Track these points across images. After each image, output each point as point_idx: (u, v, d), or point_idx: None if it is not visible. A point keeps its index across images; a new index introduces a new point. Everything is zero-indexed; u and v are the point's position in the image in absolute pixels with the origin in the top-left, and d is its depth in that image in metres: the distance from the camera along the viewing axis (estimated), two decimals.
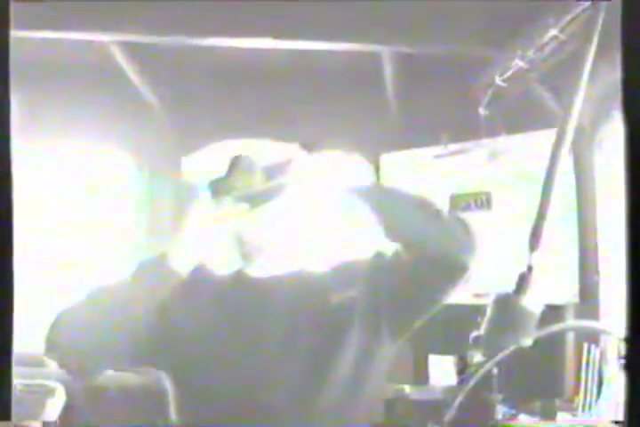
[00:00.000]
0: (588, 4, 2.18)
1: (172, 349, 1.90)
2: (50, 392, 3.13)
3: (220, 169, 1.85)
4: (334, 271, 2.00)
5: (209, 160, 1.92)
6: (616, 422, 1.93)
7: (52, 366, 3.47)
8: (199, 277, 1.91)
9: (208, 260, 1.94)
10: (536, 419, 2.59)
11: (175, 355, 1.91)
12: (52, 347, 1.81)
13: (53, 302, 3.76)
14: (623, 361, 1.45)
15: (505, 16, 2.77)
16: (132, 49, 3.31)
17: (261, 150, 1.91)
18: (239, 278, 1.97)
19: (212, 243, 1.83)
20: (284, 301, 1.94)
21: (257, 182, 1.84)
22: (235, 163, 1.85)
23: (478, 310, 1.75)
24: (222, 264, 1.97)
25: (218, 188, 1.85)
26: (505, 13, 2.76)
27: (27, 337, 3.60)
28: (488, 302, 1.73)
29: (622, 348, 1.53)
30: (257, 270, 1.96)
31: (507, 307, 1.67)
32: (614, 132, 2.86)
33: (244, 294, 1.95)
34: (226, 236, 1.88)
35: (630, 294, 1.08)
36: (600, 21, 1.77)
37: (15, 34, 2.88)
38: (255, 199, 1.85)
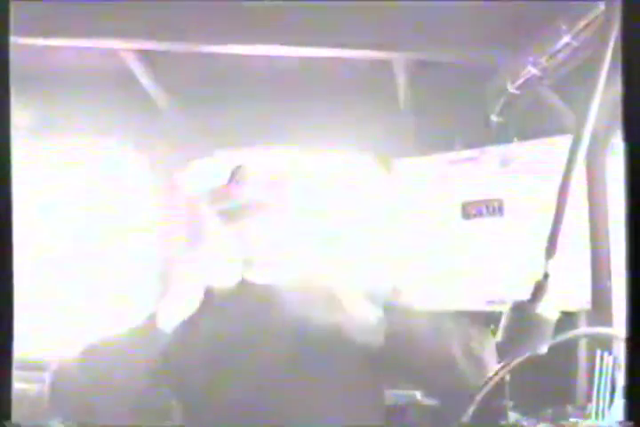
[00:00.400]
0: (602, 9, 2.17)
1: (179, 374, 1.91)
2: None
3: (221, 178, 1.86)
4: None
5: (212, 168, 1.93)
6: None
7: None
8: (205, 299, 1.90)
9: (210, 272, 1.92)
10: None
11: (182, 378, 1.92)
12: (54, 404, 1.85)
13: (62, 307, 3.77)
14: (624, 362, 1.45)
15: (517, 23, 2.77)
16: (143, 56, 3.32)
17: (264, 160, 1.92)
18: (242, 289, 1.96)
19: (213, 249, 1.84)
20: (288, 310, 1.93)
21: (257, 192, 1.85)
22: (235, 172, 1.86)
23: (491, 318, 1.75)
24: (224, 272, 1.96)
25: (217, 196, 1.86)
26: (517, 20, 2.76)
27: (32, 342, 3.61)
28: (501, 309, 1.73)
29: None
30: (258, 277, 1.96)
31: (523, 315, 1.66)
32: None
33: (246, 305, 1.95)
34: (226, 242, 1.88)
35: (630, 295, 1.08)
36: (617, 26, 1.76)
37: (29, 41, 2.91)
38: (253, 209, 1.86)
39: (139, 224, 3.87)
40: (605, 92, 1.79)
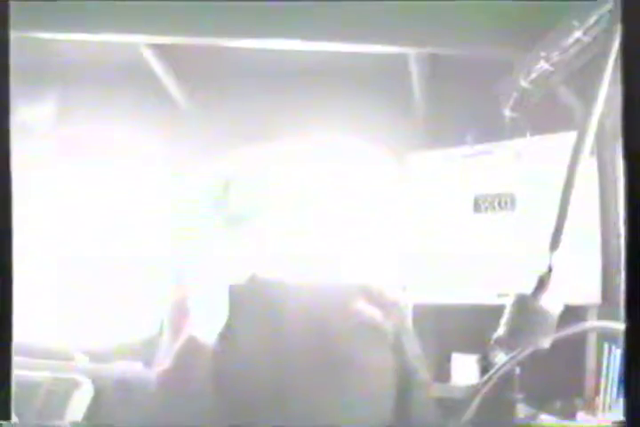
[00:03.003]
0: (611, 6, 2.18)
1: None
2: (77, 386, 3.18)
3: (222, 187, 1.89)
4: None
5: (214, 175, 1.95)
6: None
7: (81, 359, 3.54)
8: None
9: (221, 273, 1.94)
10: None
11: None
12: None
13: (84, 299, 3.82)
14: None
15: (530, 18, 2.78)
16: (161, 50, 3.36)
17: (270, 157, 1.94)
18: (254, 287, 1.97)
19: (221, 250, 1.87)
20: (301, 305, 1.95)
21: (255, 200, 1.88)
22: (229, 183, 1.89)
23: (501, 311, 1.76)
24: (234, 272, 1.98)
25: (218, 204, 1.88)
26: (530, 15, 2.77)
27: (57, 331, 3.67)
28: (508, 302, 1.74)
29: None
30: (269, 274, 1.97)
31: (525, 308, 1.68)
32: None
33: (261, 302, 1.96)
34: (233, 243, 1.91)
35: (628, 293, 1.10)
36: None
37: (49, 36, 2.95)
38: (255, 213, 1.88)
39: (152, 220, 3.90)
40: (614, 87, 1.81)
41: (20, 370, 3.06)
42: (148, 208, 3.93)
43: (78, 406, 3.19)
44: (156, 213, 3.87)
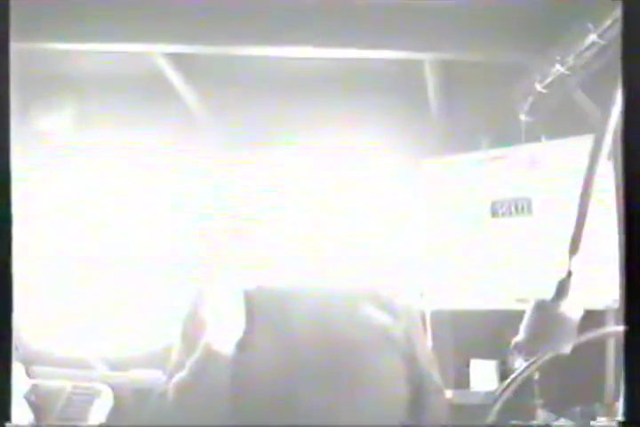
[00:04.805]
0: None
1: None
2: (97, 394, 3.19)
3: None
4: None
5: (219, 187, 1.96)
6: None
7: (100, 368, 3.56)
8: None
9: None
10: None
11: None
12: None
13: (103, 308, 3.83)
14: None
15: (544, 22, 2.78)
16: (175, 59, 3.37)
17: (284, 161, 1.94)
18: (259, 295, 1.96)
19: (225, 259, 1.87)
20: (306, 313, 1.94)
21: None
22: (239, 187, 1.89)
23: (520, 316, 1.76)
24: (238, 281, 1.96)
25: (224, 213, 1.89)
26: (544, 19, 2.77)
27: (77, 340, 3.69)
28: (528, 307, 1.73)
29: None
30: (274, 282, 1.97)
31: (545, 313, 1.66)
32: None
33: (266, 310, 1.95)
34: (237, 251, 1.91)
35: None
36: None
37: (66, 47, 2.96)
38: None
39: (168, 228, 3.90)
40: None
41: (42, 379, 3.09)
42: (164, 216, 3.94)
43: (98, 413, 3.20)
44: (172, 221, 3.88)
